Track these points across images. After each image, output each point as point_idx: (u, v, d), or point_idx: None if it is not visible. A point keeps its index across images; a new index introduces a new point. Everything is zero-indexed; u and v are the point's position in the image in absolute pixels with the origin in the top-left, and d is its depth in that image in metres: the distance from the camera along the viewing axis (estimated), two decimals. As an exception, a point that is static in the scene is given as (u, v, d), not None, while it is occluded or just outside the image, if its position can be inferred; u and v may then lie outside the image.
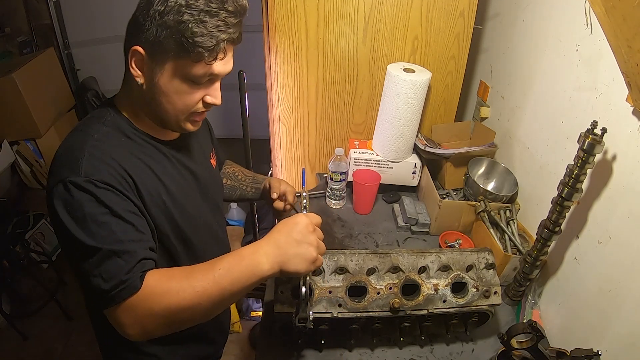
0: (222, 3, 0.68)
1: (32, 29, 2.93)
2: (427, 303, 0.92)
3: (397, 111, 1.31)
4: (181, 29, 0.66)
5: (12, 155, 2.54)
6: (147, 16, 0.68)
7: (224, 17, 0.68)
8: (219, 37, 0.69)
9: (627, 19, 0.75)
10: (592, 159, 0.84)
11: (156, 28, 0.68)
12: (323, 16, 1.30)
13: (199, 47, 0.68)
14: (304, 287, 0.77)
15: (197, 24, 0.66)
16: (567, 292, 1.02)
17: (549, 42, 1.13)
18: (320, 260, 0.74)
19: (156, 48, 0.69)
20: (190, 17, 0.66)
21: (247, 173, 1.21)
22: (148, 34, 0.69)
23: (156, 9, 0.67)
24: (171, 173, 0.84)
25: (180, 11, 0.66)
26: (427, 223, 1.35)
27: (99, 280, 0.63)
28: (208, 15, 0.67)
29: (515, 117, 1.32)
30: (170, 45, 0.68)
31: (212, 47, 0.68)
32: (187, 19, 0.66)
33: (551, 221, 0.95)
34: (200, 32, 0.67)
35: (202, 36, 0.67)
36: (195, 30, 0.66)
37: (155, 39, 0.68)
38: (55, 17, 3.01)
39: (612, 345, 0.86)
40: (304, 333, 0.96)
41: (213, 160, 1.04)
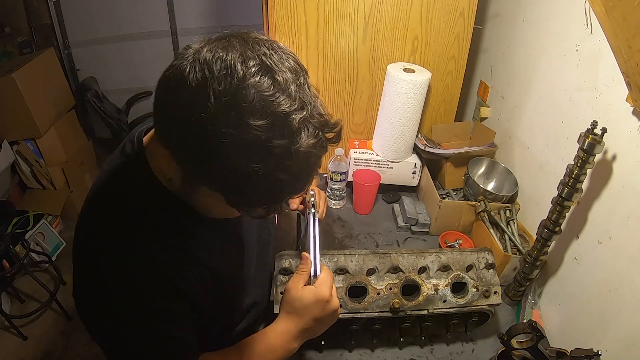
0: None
1: (32, 29, 2.93)
2: (427, 303, 0.92)
3: (397, 111, 1.31)
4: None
5: (12, 155, 2.54)
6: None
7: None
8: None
9: (627, 19, 0.75)
10: (592, 159, 0.84)
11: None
12: (323, 16, 1.30)
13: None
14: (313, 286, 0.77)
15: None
16: (567, 292, 1.02)
17: (549, 42, 1.13)
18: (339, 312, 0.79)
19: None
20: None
21: None
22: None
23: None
24: (216, 248, 0.73)
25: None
26: (427, 223, 1.35)
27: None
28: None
29: (515, 117, 1.32)
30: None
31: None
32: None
33: (551, 221, 0.95)
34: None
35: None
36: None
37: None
38: (55, 17, 3.01)
39: (612, 346, 0.86)
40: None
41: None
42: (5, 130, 2.50)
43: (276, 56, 0.53)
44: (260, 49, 0.52)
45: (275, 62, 0.52)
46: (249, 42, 0.53)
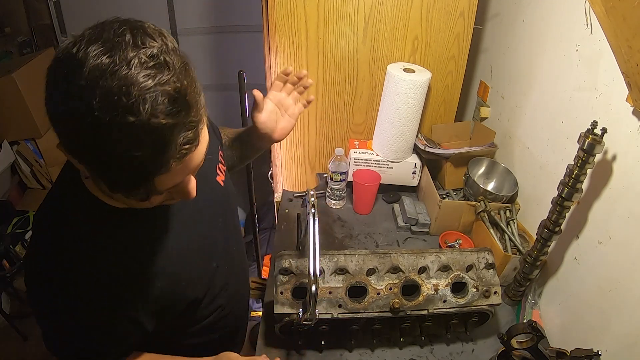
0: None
1: (32, 29, 2.93)
2: (427, 303, 0.92)
3: (397, 111, 1.31)
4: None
5: (12, 155, 2.54)
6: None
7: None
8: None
9: (627, 19, 0.75)
10: (592, 159, 0.84)
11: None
12: (323, 16, 1.30)
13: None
14: (314, 286, 0.77)
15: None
16: (567, 292, 1.02)
17: (549, 42, 1.13)
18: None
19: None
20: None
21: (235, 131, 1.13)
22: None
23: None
24: (168, 238, 0.74)
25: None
26: (427, 223, 1.35)
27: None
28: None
29: (515, 117, 1.32)
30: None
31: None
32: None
33: (551, 221, 0.95)
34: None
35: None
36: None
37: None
38: (55, 17, 3.01)
39: (612, 345, 0.86)
40: (304, 333, 0.96)
41: (221, 173, 0.91)
42: (5, 130, 2.50)
43: (133, 39, 0.52)
44: (122, 35, 0.53)
45: (125, 43, 0.51)
46: (115, 31, 0.54)
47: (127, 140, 0.49)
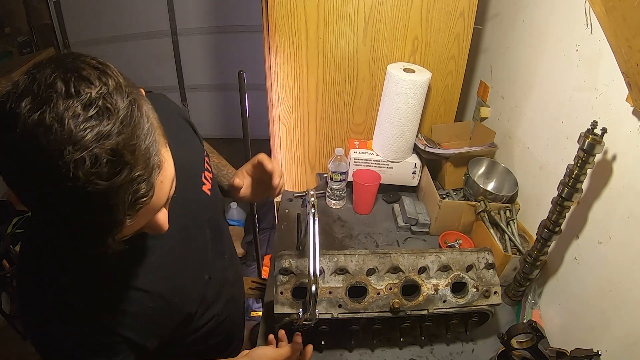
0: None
1: (32, 29, 2.94)
2: (427, 303, 0.92)
3: (397, 111, 1.31)
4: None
5: (12, 156, 2.54)
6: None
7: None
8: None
9: (627, 19, 0.75)
10: (592, 159, 0.84)
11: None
12: (323, 16, 1.30)
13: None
14: (314, 286, 0.77)
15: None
16: (567, 292, 1.02)
17: (549, 42, 1.13)
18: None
19: None
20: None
21: (222, 163, 1.10)
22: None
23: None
24: (155, 258, 0.71)
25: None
26: (427, 223, 1.35)
27: None
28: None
29: (515, 117, 1.32)
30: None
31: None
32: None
33: (551, 221, 0.95)
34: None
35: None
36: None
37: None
38: (55, 17, 3.01)
39: (612, 345, 0.86)
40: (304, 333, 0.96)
41: (207, 182, 0.86)
42: (5, 130, 2.49)
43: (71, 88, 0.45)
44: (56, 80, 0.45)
45: (57, 95, 0.44)
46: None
47: (66, 205, 0.45)
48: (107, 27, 3.07)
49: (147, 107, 0.51)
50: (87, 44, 3.14)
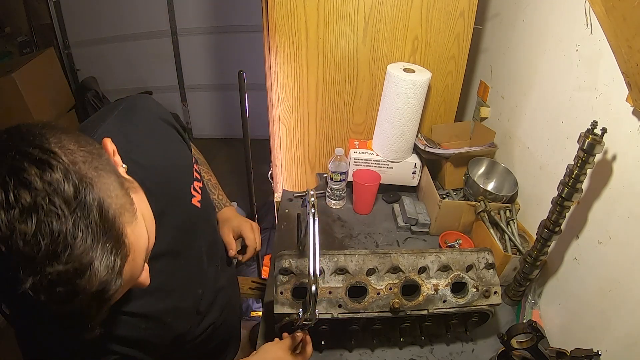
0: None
1: (32, 29, 2.94)
2: (427, 303, 0.92)
3: (397, 111, 1.31)
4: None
5: (12, 156, 2.54)
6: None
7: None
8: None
9: (627, 19, 0.75)
10: (592, 159, 0.84)
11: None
12: (323, 16, 1.30)
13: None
14: (314, 286, 0.77)
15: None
16: (567, 292, 1.02)
17: (549, 42, 1.13)
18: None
19: None
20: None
21: (212, 182, 1.08)
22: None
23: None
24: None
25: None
26: (427, 223, 1.35)
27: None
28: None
29: (515, 117, 1.32)
30: None
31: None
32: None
33: (551, 221, 0.95)
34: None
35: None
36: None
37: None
38: (55, 17, 3.01)
39: (612, 345, 0.86)
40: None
41: (197, 193, 0.82)
42: (5, 130, 2.49)
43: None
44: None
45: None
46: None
47: (38, 311, 0.43)
48: (107, 27, 3.07)
49: (107, 181, 0.46)
50: (87, 44, 3.15)
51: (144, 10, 3.00)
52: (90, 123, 0.69)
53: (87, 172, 0.44)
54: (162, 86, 3.33)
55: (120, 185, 0.49)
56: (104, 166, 0.48)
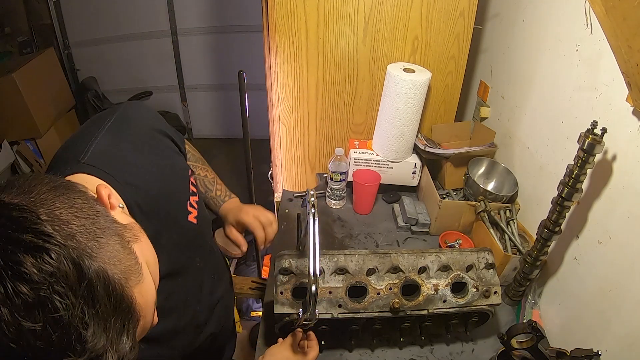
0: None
1: (32, 29, 2.94)
2: (427, 303, 0.92)
3: (397, 111, 1.31)
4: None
5: (12, 155, 2.55)
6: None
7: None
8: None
9: (627, 19, 0.75)
10: (592, 159, 0.84)
11: None
12: (323, 16, 1.30)
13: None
14: (314, 286, 0.77)
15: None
16: (567, 292, 1.02)
17: (549, 42, 1.13)
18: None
19: None
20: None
21: (209, 178, 1.05)
22: None
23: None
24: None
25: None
26: (427, 223, 1.35)
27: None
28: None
29: (515, 117, 1.32)
30: None
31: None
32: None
33: (551, 221, 0.95)
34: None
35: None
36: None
37: None
38: (55, 17, 3.01)
39: (612, 346, 0.86)
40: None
41: (194, 209, 0.80)
42: (5, 130, 2.50)
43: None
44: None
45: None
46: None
47: None
48: (107, 27, 3.07)
49: (109, 248, 0.44)
50: (87, 44, 3.15)
51: (144, 10, 3.00)
52: (81, 139, 0.65)
53: (86, 246, 0.41)
54: (162, 86, 3.33)
55: (123, 246, 0.46)
56: (103, 229, 0.45)
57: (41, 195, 0.42)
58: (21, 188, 0.43)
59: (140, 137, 0.72)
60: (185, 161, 0.86)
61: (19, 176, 0.45)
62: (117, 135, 0.68)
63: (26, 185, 0.43)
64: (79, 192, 0.47)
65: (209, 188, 1.02)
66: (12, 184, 0.43)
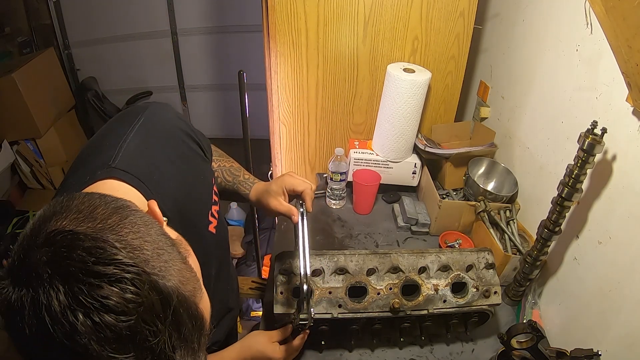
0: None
1: (32, 29, 2.94)
2: (427, 303, 0.92)
3: (397, 111, 1.31)
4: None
5: (12, 155, 2.55)
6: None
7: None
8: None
9: (627, 19, 0.75)
10: (592, 159, 0.84)
11: None
12: (323, 16, 1.30)
13: None
14: (305, 285, 0.77)
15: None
16: (567, 292, 1.02)
17: (549, 42, 1.13)
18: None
19: None
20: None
21: (235, 167, 1.03)
22: None
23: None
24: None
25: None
26: (427, 223, 1.35)
27: None
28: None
29: (515, 117, 1.32)
30: None
31: None
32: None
33: (551, 221, 0.95)
34: None
35: None
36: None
37: None
38: (55, 17, 3.01)
39: (612, 346, 0.86)
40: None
41: (214, 219, 0.79)
42: (5, 130, 2.50)
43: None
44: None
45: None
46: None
47: None
48: (107, 27, 3.07)
49: (177, 268, 0.43)
50: (87, 44, 3.14)
51: (144, 10, 2.99)
52: (109, 139, 0.63)
53: (160, 269, 0.40)
54: (162, 86, 3.33)
55: (184, 263, 0.45)
56: (167, 249, 0.44)
57: (108, 221, 0.41)
58: (81, 212, 0.41)
59: (169, 140, 0.70)
60: (210, 167, 0.84)
61: (69, 197, 0.43)
62: (146, 138, 0.66)
63: (85, 208, 0.41)
64: (137, 212, 0.45)
65: (236, 174, 0.99)
66: (67, 208, 0.41)
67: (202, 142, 0.79)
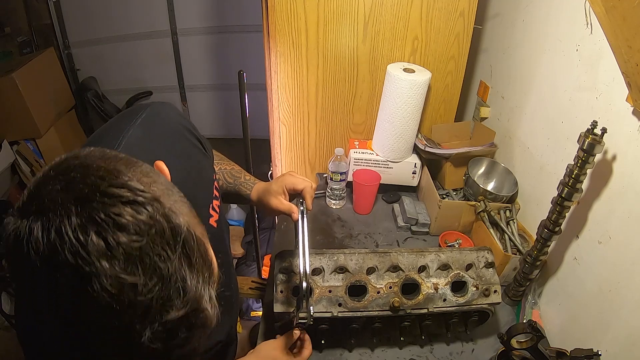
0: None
1: (32, 29, 2.93)
2: (427, 302, 0.92)
3: (397, 111, 1.31)
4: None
5: (12, 155, 2.54)
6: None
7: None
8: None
9: (627, 19, 0.75)
10: (592, 159, 0.84)
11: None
12: (323, 16, 1.30)
13: None
14: (304, 282, 0.76)
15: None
16: (567, 292, 1.02)
17: (549, 42, 1.13)
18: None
19: None
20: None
21: (235, 169, 1.04)
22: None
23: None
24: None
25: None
26: (427, 223, 1.35)
27: None
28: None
29: (515, 117, 1.32)
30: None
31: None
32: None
33: (551, 221, 0.95)
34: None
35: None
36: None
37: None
38: (55, 17, 3.01)
39: (612, 346, 0.86)
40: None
41: (215, 212, 0.79)
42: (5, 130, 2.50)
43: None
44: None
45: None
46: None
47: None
48: (107, 27, 3.07)
49: (186, 209, 0.44)
50: (87, 44, 3.15)
51: (144, 10, 2.99)
52: (110, 132, 0.64)
53: (171, 205, 0.41)
54: (162, 86, 3.33)
55: (193, 212, 0.46)
56: (174, 192, 0.45)
57: (119, 161, 0.42)
58: (93, 153, 0.43)
59: (170, 135, 0.72)
60: (211, 162, 0.84)
61: (74, 154, 0.43)
62: (148, 131, 0.67)
63: (97, 151, 0.43)
64: (142, 164, 0.46)
65: (237, 176, 1.00)
66: (78, 154, 0.43)
67: (202, 139, 0.80)
